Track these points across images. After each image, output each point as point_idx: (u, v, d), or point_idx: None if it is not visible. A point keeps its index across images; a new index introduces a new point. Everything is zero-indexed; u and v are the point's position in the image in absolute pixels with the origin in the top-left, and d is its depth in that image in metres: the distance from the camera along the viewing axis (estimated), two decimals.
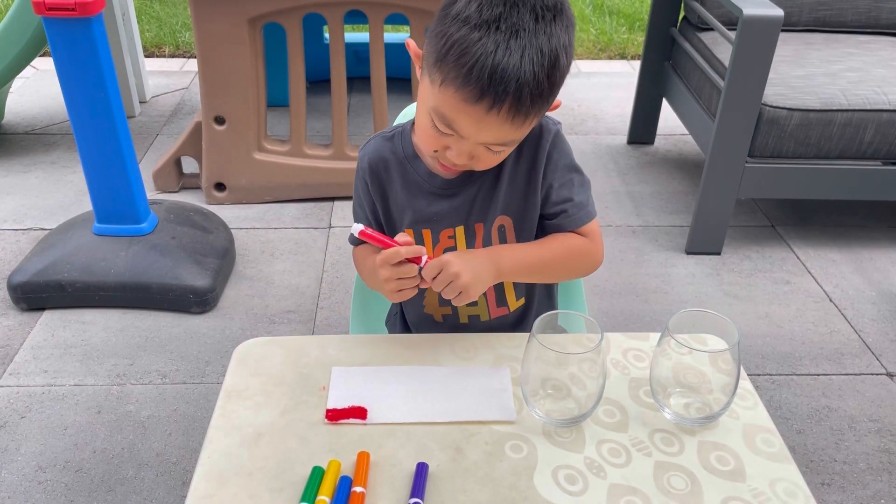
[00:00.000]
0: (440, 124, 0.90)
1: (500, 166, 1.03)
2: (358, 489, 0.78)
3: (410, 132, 1.06)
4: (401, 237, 0.94)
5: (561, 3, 0.89)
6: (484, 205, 1.05)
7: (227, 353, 1.88)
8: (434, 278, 0.93)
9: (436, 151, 0.95)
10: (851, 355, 1.95)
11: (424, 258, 0.93)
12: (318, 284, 2.16)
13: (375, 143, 1.07)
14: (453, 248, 1.07)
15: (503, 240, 1.07)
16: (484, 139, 0.90)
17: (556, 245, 1.05)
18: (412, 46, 0.97)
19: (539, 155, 1.02)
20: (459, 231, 1.07)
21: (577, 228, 1.06)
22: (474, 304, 1.11)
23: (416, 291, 0.97)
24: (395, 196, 1.07)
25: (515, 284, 1.12)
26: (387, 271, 0.94)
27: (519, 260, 1.02)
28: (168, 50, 3.88)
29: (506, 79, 0.83)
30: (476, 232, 1.06)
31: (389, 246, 0.93)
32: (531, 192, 1.04)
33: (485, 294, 1.11)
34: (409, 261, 0.93)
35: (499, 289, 1.11)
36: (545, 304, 1.19)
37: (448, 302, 1.01)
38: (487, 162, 0.96)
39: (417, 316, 1.18)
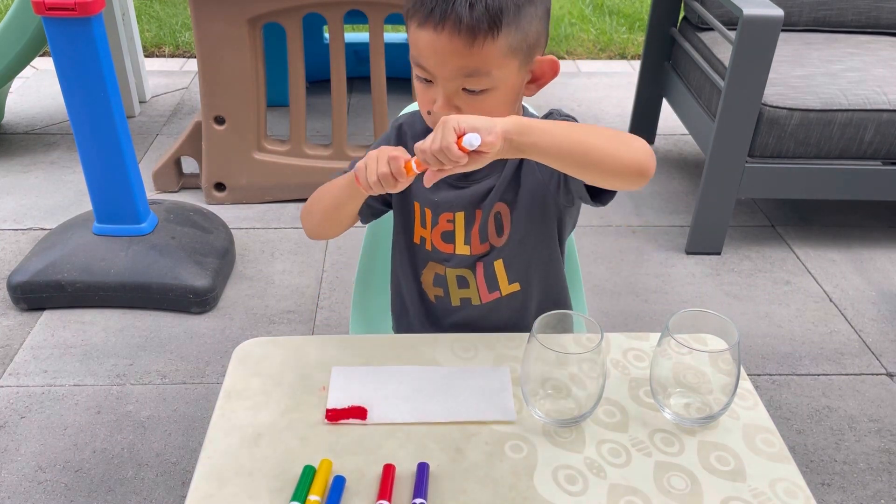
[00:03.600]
0: (416, 69, 0.94)
1: (518, 168, 1.03)
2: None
3: None
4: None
5: None
6: (493, 196, 1.06)
7: (227, 353, 1.88)
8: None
9: (429, 114, 0.97)
10: (851, 355, 1.95)
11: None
12: (318, 284, 2.16)
13: (412, 113, 1.11)
14: (451, 233, 1.09)
15: (499, 230, 1.07)
16: (448, 69, 0.91)
17: (596, 128, 0.88)
18: None
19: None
20: (459, 217, 1.08)
21: None
22: (466, 286, 1.11)
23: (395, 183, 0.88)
24: None
25: (507, 268, 1.09)
26: (384, 167, 0.86)
27: (542, 127, 0.84)
28: (168, 50, 3.88)
29: None
30: (475, 217, 1.07)
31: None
32: (531, 166, 1.04)
33: (475, 277, 1.10)
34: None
35: (489, 274, 1.10)
36: (549, 289, 1.14)
37: (442, 282, 1.00)
38: (474, 108, 0.93)
39: (412, 296, 1.18)
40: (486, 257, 1.09)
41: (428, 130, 1.06)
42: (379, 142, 1.12)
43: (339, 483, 0.80)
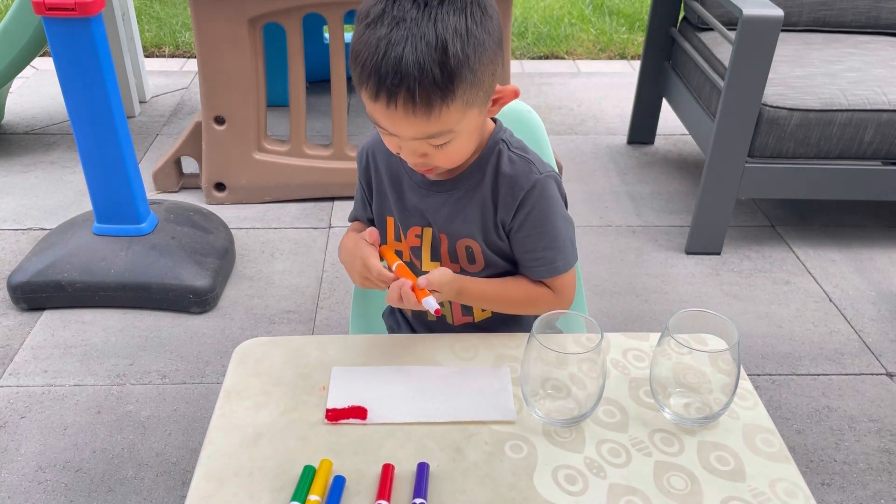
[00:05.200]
0: (377, 127, 0.93)
1: (475, 186, 1.02)
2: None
3: None
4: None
5: None
6: (448, 218, 1.04)
7: (227, 353, 1.88)
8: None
9: (399, 153, 0.96)
10: (851, 355, 1.95)
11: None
12: (318, 284, 2.16)
13: (376, 133, 1.09)
14: (419, 248, 1.08)
15: (471, 259, 1.06)
16: (406, 134, 0.90)
17: (520, 288, 1.05)
18: None
19: (509, 198, 1.00)
20: (427, 232, 1.07)
21: (544, 280, 1.05)
22: (441, 304, 1.11)
23: (380, 288, 1.01)
24: (381, 184, 1.09)
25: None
26: (367, 275, 1.00)
27: (482, 289, 1.03)
28: (168, 50, 3.88)
29: (390, 73, 0.82)
30: (441, 241, 1.06)
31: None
32: (496, 225, 1.03)
33: (450, 301, 1.11)
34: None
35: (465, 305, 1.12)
36: (523, 318, 1.18)
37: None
38: (441, 159, 0.94)
39: (395, 310, 1.22)
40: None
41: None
42: (358, 172, 1.13)
43: (338, 483, 0.80)
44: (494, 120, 1.05)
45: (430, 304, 0.93)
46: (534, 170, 1.00)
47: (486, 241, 1.04)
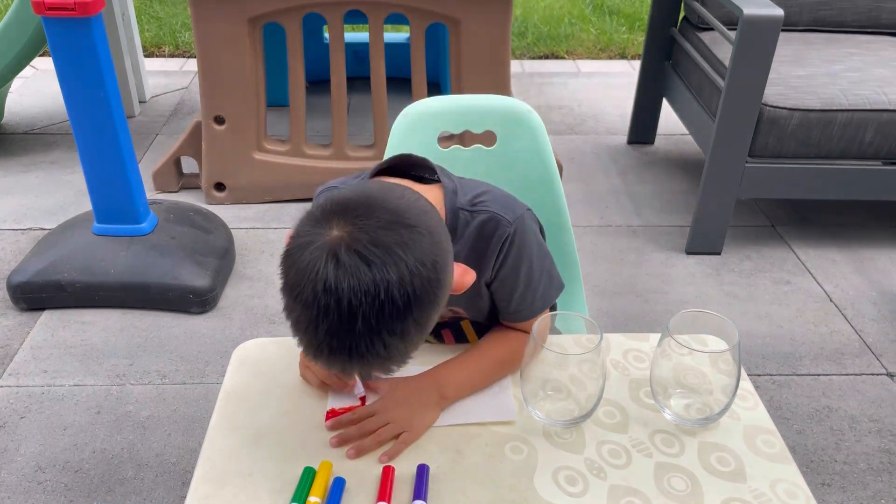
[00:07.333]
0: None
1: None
2: None
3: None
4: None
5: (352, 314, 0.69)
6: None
7: (227, 353, 1.88)
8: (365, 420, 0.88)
9: None
10: (852, 355, 1.95)
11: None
12: None
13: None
14: None
15: (456, 314, 1.03)
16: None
17: (496, 352, 0.98)
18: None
19: (487, 256, 0.93)
20: None
21: (517, 324, 1.00)
22: (436, 335, 1.11)
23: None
24: None
25: (477, 330, 1.09)
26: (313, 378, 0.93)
27: (461, 383, 0.94)
28: (168, 50, 3.88)
29: (332, 364, 0.73)
30: None
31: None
32: (480, 288, 0.97)
33: (442, 334, 1.10)
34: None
35: (457, 334, 1.10)
36: None
37: None
38: None
39: None
40: (450, 323, 1.07)
41: None
42: None
43: (338, 484, 0.80)
44: (438, 180, 0.95)
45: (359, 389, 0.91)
46: (503, 221, 0.92)
47: (471, 304, 1.00)
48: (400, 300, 0.69)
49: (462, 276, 0.82)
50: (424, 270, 0.71)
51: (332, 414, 0.89)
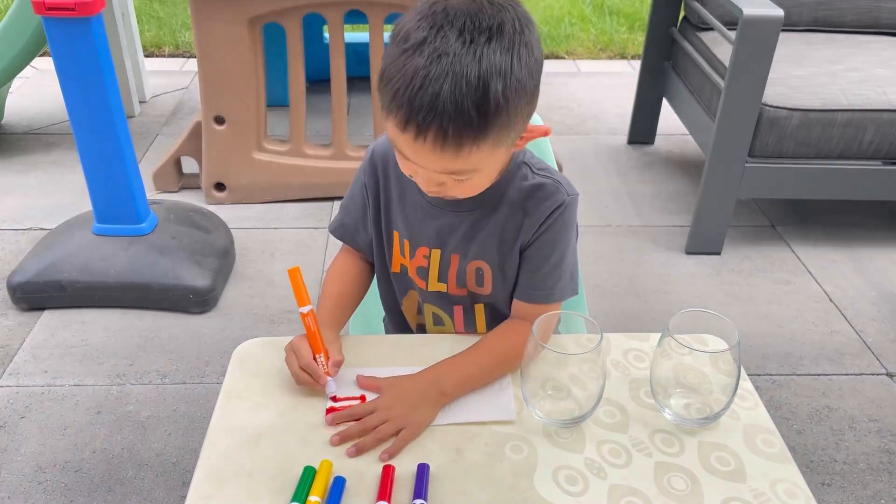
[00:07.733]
0: (394, 149, 0.88)
1: (495, 207, 0.98)
2: None
3: None
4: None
5: (500, 24, 0.79)
6: (465, 239, 1.00)
7: (227, 353, 1.86)
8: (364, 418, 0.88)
9: (412, 176, 0.90)
10: (851, 355, 1.95)
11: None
12: (318, 284, 2.16)
13: (386, 138, 1.03)
14: (425, 269, 1.04)
15: (479, 281, 1.03)
16: (428, 166, 0.84)
17: (496, 350, 0.97)
18: None
19: (535, 217, 0.97)
20: (435, 254, 1.03)
21: (528, 305, 1.00)
22: (441, 324, 1.10)
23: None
24: (389, 197, 1.04)
25: (488, 317, 1.09)
26: (303, 377, 0.92)
27: (461, 380, 0.93)
28: (168, 50, 3.88)
29: (424, 108, 0.77)
30: (451, 262, 1.03)
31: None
32: (514, 247, 0.99)
33: (452, 320, 1.09)
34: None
35: (469, 318, 1.09)
36: None
37: (421, 310, 0.98)
38: (458, 190, 0.90)
39: (395, 321, 1.19)
40: (465, 299, 1.06)
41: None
42: (355, 175, 1.07)
43: (339, 484, 0.80)
44: None
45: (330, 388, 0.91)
46: (562, 190, 0.97)
47: (501, 265, 1.01)
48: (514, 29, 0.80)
49: (543, 131, 0.93)
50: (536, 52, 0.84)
51: (331, 409, 0.89)
